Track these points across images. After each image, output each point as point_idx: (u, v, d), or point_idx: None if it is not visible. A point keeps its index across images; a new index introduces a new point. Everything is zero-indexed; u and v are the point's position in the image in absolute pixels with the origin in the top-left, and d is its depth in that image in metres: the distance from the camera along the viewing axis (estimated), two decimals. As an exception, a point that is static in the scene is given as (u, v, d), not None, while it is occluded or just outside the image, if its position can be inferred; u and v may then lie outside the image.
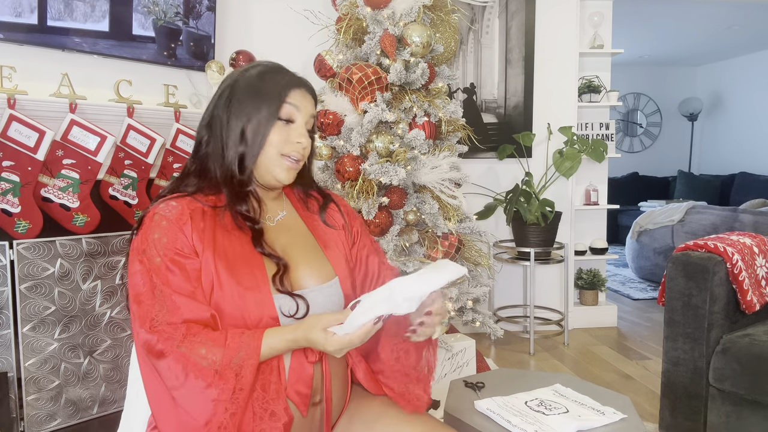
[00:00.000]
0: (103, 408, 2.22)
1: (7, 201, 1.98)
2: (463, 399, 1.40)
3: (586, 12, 3.57)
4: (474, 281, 2.49)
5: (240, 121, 1.03)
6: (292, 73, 1.09)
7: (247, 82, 1.06)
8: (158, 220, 0.99)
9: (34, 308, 2.02)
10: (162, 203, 1.02)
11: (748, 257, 1.92)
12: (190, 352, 0.92)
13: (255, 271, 1.00)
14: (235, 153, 1.04)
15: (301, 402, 1.00)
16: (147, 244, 0.99)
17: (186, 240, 0.98)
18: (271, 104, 1.03)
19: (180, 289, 0.96)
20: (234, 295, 0.98)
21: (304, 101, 1.07)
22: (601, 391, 1.44)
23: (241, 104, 1.04)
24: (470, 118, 3.35)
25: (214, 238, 1.01)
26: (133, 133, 2.30)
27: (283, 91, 1.04)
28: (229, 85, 1.07)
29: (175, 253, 0.97)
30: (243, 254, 1.01)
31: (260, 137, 1.03)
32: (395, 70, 2.22)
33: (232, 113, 1.04)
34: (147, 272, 0.98)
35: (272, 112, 1.04)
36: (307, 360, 1.01)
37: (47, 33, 2.13)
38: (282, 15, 2.95)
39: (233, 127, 1.04)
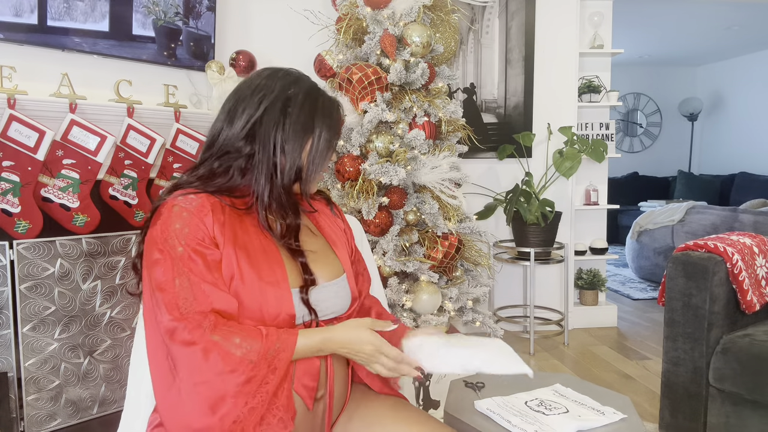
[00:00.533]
0: (103, 408, 2.22)
1: (7, 201, 1.98)
2: (463, 399, 1.40)
3: (586, 12, 3.57)
4: (474, 281, 2.50)
5: (299, 139, 1.05)
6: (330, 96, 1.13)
7: (304, 98, 1.06)
8: (178, 212, 0.98)
9: (34, 308, 2.02)
10: (180, 196, 1.01)
11: (748, 257, 1.92)
12: (224, 340, 0.92)
13: (275, 267, 1.01)
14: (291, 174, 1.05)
15: (307, 395, 1.01)
16: (168, 234, 0.97)
17: (207, 231, 0.98)
18: (332, 131, 1.08)
19: (205, 278, 0.96)
20: (254, 289, 0.98)
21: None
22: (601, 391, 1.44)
23: (301, 122, 1.05)
24: (470, 118, 3.35)
25: (234, 232, 1.01)
26: (133, 133, 2.30)
27: (339, 121, 1.11)
28: (278, 102, 1.05)
29: (196, 243, 0.96)
30: (263, 250, 1.03)
31: (321, 162, 1.08)
32: (395, 70, 2.22)
33: (290, 129, 1.04)
34: (169, 261, 0.95)
35: (332, 141, 1.09)
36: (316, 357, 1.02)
37: (47, 33, 2.13)
38: (282, 15, 2.95)
39: (290, 148, 1.04)
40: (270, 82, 1.06)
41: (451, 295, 2.34)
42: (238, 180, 1.04)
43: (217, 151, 1.06)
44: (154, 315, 0.95)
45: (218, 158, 1.06)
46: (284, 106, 1.04)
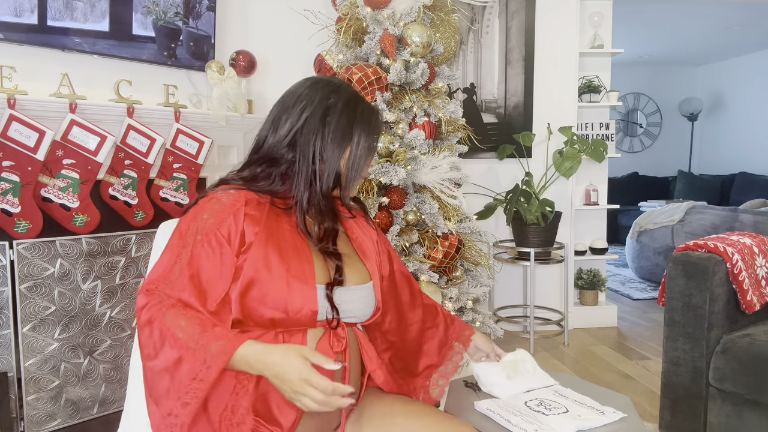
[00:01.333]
0: (103, 408, 2.22)
1: (7, 201, 1.98)
2: (463, 399, 1.40)
3: (586, 12, 3.57)
4: (474, 281, 2.50)
5: (339, 146, 1.08)
6: (370, 104, 1.16)
7: (343, 107, 1.09)
8: (212, 204, 1.03)
9: (34, 308, 2.02)
10: (221, 190, 1.06)
11: (748, 257, 1.92)
12: (172, 320, 0.93)
13: (304, 264, 1.04)
14: (330, 180, 1.09)
15: None
16: (194, 222, 1.02)
17: (234, 227, 1.01)
18: (370, 136, 1.11)
19: (198, 274, 0.98)
20: (282, 282, 1.00)
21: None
22: (601, 391, 1.44)
23: (340, 129, 1.08)
24: (470, 118, 3.35)
25: (269, 228, 1.05)
26: (133, 133, 2.30)
27: (378, 126, 1.14)
28: (321, 103, 1.09)
29: (215, 237, 1.00)
30: (295, 247, 1.05)
31: (361, 167, 1.12)
32: (395, 70, 2.22)
33: (329, 136, 1.08)
34: (180, 248, 1.00)
35: (372, 145, 1.12)
36: (332, 350, 1.04)
37: (47, 33, 2.13)
38: (282, 15, 2.95)
39: (329, 155, 1.08)
40: (311, 91, 1.10)
41: (451, 295, 2.34)
42: (279, 185, 1.09)
43: (261, 157, 1.11)
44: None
45: (262, 163, 1.10)
46: (323, 115, 1.08)
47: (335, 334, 1.06)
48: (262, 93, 3.00)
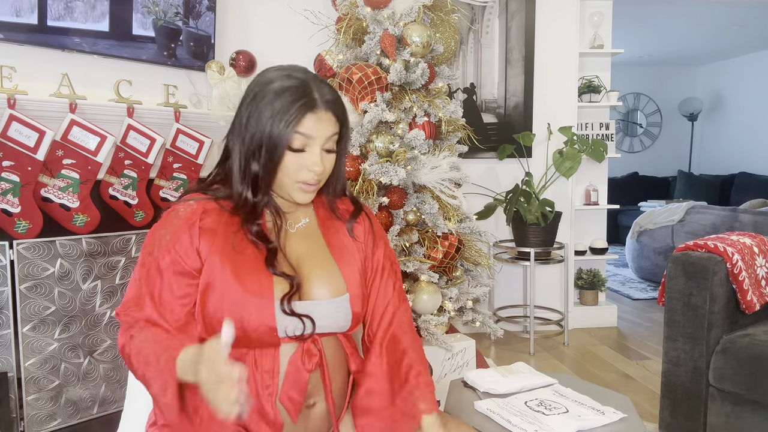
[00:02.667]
0: (103, 408, 2.22)
1: (7, 201, 1.98)
2: (463, 399, 1.40)
3: (586, 12, 3.57)
4: (474, 281, 2.50)
5: (254, 141, 0.98)
6: (312, 89, 0.99)
7: (266, 96, 0.98)
8: (171, 218, 1.01)
9: (34, 308, 2.02)
10: (182, 201, 1.04)
11: (748, 257, 1.92)
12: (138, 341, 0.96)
13: (261, 278, 0.99)
14: (249, 175, 1.00)
15: (293, 408, 0.99)
16: (154, 238, 1.01)
17: (189, 242, 0.98)
18: (282, 133, 0.96)
19: (157, 293, 0.99)
20: (236, 299, 0.97)
21: (318, 125, 0.98)
22: (601, 391, 1.44)
23: (258, 122, 0.98)
24: (470, 118, 3.35)
25: (225, 240, 1.00)
26: (133, 133, 2.30)
27: (294, 120, 0.96)
28: (252, 93, 1.01)
29: (170, 255, 0.98)
30: (254, 260, 1.00)
31: (272, 165, 0.99)
32: (395, 70, 2.22)
33: (248, 130, 0.99)
34: (141, 265, 1.01)
35: (282, 143, 0.97)
36: (304, 367, 1.00)
37: (47, 33, 2.13)
38: (282, 15, 2.95)
39: (248, 145, 0.99)
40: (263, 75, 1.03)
41: (451, 295, 2.34)
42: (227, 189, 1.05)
43: (222, 157, 1.08)
44: None
45: (220, 164, 1.08)
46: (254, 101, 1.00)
47: (307, 350, 1.00)
48: (262, 93, 2.99)
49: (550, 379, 1.46)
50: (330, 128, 1.00)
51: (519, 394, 1.38)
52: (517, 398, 1.35)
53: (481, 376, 1.44)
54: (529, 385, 1.42)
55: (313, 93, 0.98)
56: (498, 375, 1.45)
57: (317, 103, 0.98)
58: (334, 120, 1.01)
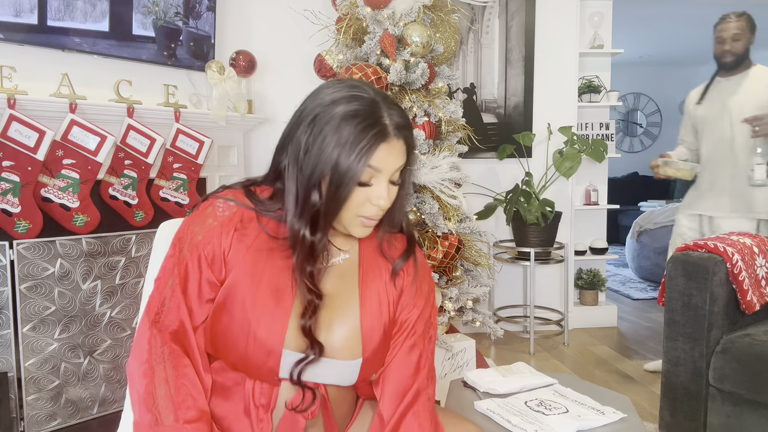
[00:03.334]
0: (103, 408, 2.22)
1: (7, 201, 1.98)
2: (463, 399, 1.40)
3: (586, 12, 3.57)
4: (474, 281, 2.50)
5: (317, 172, 0.87)
6: (383, 113, 0.87)
7: (331, 121, 0.86)
8: (207, 215, 0.93)
9: (34, 308, 2.02)
10: (222, 197, 0.94)
11: (748, 257, 1.92)
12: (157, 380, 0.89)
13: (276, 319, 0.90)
14: (308, 209, 0.89)
15: None
16: (186, 233, 0.94)
17: (219, 249, 0.91)
18: (353, 167, 0.85)
19: (187, 293, 0.92)
20: (246, 331, 0.90)
21: (389, 157, 0.87)
22: (601, 391, 1.44)
23: (321, 151, 0.86)
24: (470, 118, 3.35)
25: (254, 261, 0.92)
26: (133, 133, 2.30)
27: (366, 153, 0.85)
28: (313, 114, 0.88)
29: (199, 257, 0.91)
30: (276, 291, 0.92)
31: (338, 202, 0.87)
32: (395, 70, 2.22)
33: (309, 158, 0.87)
34: (173, 259, 0.93)
35: (353, 178, 0.85)
36: (301, 414, 0.93)
37: (47, 33, 2.13)
38: (282, 15, 2.95)
39: (310, 176, 0.87)
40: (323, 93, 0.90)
41: (451, 295, 2.34)
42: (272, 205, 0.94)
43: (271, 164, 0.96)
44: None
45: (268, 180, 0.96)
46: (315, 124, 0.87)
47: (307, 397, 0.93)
48: (262, 93, 3.00)
49: (550, 379, 1.46)
50: (400, 159, 0.89)
51: (519, 394, 1.38)
52: (517, 398, 1.35)
53: (481, 376, 1.44)
54: (529, 385, 1.42)
55: (384, 118, 0.86)
56: (498, 375, 1.45)
57: (389, 132, 0.86)
58: (405, 149, 0.90)
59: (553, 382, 1.46)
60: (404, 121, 0.89)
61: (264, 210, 0.94)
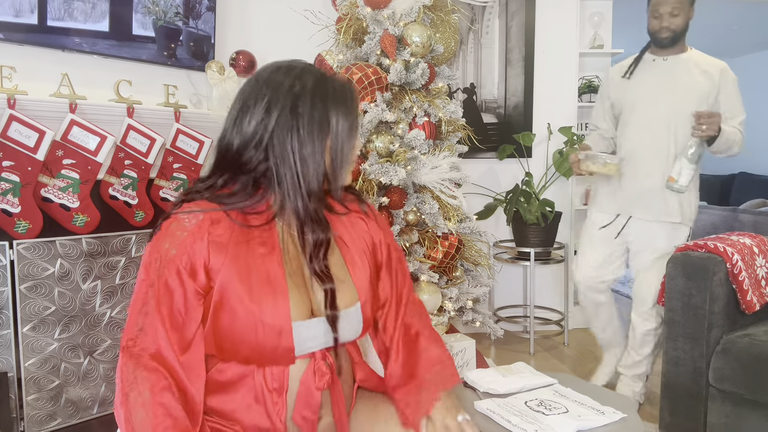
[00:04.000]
0: (103, 408, 2.22)
1: (7, 201, 1.98)
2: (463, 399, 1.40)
3: (586, 12, 3.57)
4: (474, 281, 2.50)
5: (319, 139, 0.95)
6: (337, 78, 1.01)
7: (313, 92, 0.96)
8: (174, 229, 0.93)
9: (34, 308, 2.02)
10: (184, 213, 0.95)
11: (748, 257, 1.92)
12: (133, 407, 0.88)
13: (278, 299, 0.95)
14: (319, 178, 0.96)
15: (306, 427, 0.98)
16: (156, 254, 0.93)
17: (198, 257, 0.92)
18: (349, 116, 0.98)
19: (166, 313, 0.92)
20: (252, 320, 0.93)
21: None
22: (601, 391, 1.44)
23: (316, 125, 0.95)
24: (470, 118, 3.35)
25: (237, 255, 0.95)
26: (133, 133, 2.30)
27: (354, 102, 1.00)
28: (286, 104, 0.95)
29: (177, 271, 0.92)
30: (267, 277, 0.95)
31: (347, 152, 0.98)
32: (395, 70, 2.22)
33: (305, 129, 0.94)
34: (146, 283, 0.94)
35: (353, 125, 0.98)
36: (315, 386, 0.98)
37: (47, 33, 2.13)
38: (282, 15, 2.95)
39: (311, 145, 0.95)
40: (273, 82, 0.97)
41: (451, 295, 2.34)
42: (248, 198, 0.97)
43: (228, 165, 0.98)
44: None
45: (229, 171, 0.98)
46: (293, 107, 0.94)
47: (318, 368, 0.98)
48: (262, 93, 2.99)
49: (550, 379, 1.46)
50: None
51: (519, 394, 1.38)
52: (517, 398, 1.35)
53: (481, 376, 1.44)
54: (529, 385, 1.42)
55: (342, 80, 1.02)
56: (498, 375, 1.45)
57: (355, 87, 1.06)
58: None
59: (553, 382, 1.45)
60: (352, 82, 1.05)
61: (227, 202, 0.97)
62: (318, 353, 0.99)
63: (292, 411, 0.97)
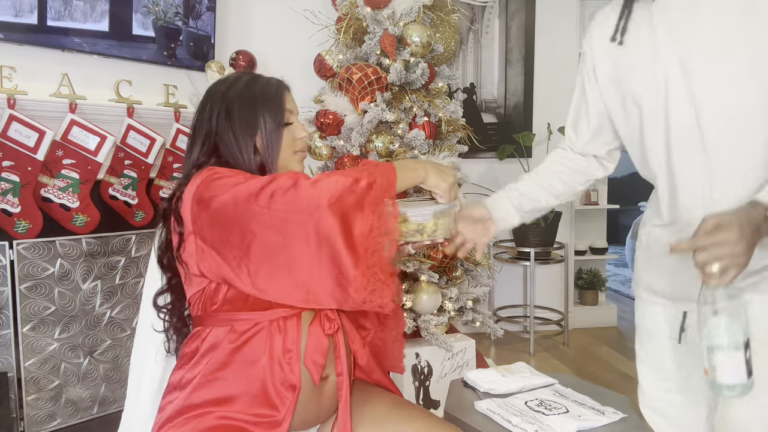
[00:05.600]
0: (103, 408, 2.22)
1: (7, 201, 1.98)
2: (463, 399, 1.40)
3: (586, 12, 3.57)
4: (474, 281, 2.49)
5: (249, 135, 1.09)
6: (271, 77, 1.17)
7: (241, 97, 1.11)
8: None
9: (34, 308, 2.02)
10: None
11: (748, 257, 1.91)
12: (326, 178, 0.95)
13: None
14: (253, 165, 1.09)
15: (315, 371, 1.03)
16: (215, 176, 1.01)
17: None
18: (276, 114, 1.11)
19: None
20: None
21: (292, 102, 1.16)
22: (601, 391, 1.44)
23: (247, 120, 1.09)
24: (470, 118, 3.35)
25: None
26: (133, 133, 2.30)
27: (280, 100, 1.13)
28: (222, 102, 1.11)
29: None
30: None
31: (275, 146, 1.11)
32: (395, 70, 2.22)
33: (238, 130, 1.09)
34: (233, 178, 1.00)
35: (279, 122, 1.11)
36: (324, 332, 1.05)
37: (47, 33, 2.13)
38: (282, 15, 2.95)
39: (244, 143, 1.09)
40: (213, 92, 1.13)
41: (451, 295, 2.34)
42: None
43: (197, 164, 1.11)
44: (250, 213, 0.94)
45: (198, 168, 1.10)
46: (228, 111, 1.09)
47: (326, 315, 1.06)
48: (262, 93, 2.99)
49: (550, 379, 1.46)
50: (296, 104, 1.18)
51: (519, 394, 1.38)
52: (517, 398, 1.35)
53: (481, 376, 1.44)
54: (529, 385, 1.42)
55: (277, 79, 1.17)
56: (498, 375, 1.45)
57: (286, 85, 1.17)
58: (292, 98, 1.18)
59: (553, 382, 1.46)
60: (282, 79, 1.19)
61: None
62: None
63: (304, 356, 1.03)
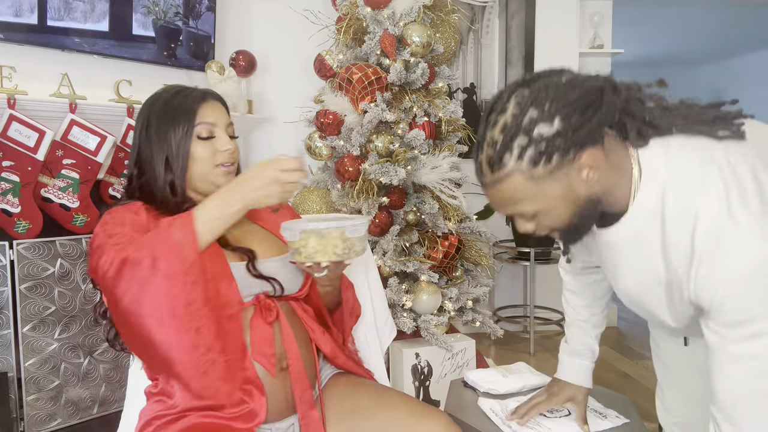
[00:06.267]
0: (103, 408, 2.22)
1: (7, 201, 1.98)
2: (463, 399, 1.40)
3: (586, 12, 3.57)
4: (474, 281, 2.49)
5: (162, 150, 1.09)
6: (197, 89, 1.14)
7: (157, 112, 1.11)
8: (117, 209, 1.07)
9: (34, 308, 2.02)
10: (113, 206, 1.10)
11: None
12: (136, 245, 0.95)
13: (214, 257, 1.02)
14: (164, 182, 1.09)
15: (268, 363, 1.03)
16: (101, 228, 1.03)
17: (139, 219, 1.04)
18: (184, 126, 1.09)
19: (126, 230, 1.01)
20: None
21: (215, 113, 1.13)
22: (601, 391, 1.44)
23: (158, 135, 1.09)
24: (470, 118, 3.34)
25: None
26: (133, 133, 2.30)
27: (191, 113, 1.10)
28: (145, 117, 1.12)
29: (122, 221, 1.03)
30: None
31: (181, 161, 1.09)
32: (395, 70, 2.22)
33: (152, 145, 1.10)
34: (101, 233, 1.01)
35: (188, 134, 1.09)
36: (264, 321, 1.05)
37: (47, 33, 2.12)
38: (282, 15, 2.95)
39: (157, 158, 1.09)
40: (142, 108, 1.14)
41: (451, 295, 2.33)
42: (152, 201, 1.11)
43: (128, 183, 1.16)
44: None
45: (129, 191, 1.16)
46: (147, 127, 1.11)
47: (265, 305, 1.06)
48: (262, 93, 2.99)
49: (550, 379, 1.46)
50: (225, 116, 1.15)
51: (520, 396, 1.38)
52: (518, 400, 1.35)
53: (481, 376, 1.44)
54: (529, 385, 1.42)
55: (192, 91, 1.14)
56: (498, 375, 1.45)
57: (206, 95, 1.13)
58: (225, 110, 1.15)
59: None
60: (210, 90, 1.15)
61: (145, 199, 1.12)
62: (261, 296, 1.07)
63: (251, 350, 1.03)
